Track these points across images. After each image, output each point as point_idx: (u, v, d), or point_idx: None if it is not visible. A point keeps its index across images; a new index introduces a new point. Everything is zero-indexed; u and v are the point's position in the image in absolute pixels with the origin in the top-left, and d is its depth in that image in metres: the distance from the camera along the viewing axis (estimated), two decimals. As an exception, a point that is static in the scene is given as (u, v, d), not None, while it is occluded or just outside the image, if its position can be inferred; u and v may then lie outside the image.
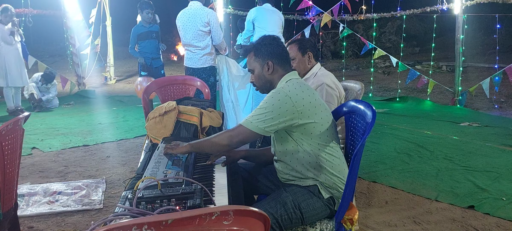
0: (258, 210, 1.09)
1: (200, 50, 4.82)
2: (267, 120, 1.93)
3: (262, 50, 2.11)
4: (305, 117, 1.95)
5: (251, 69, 2.17)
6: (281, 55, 2.12)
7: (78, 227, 2.99)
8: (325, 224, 2.03)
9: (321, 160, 2.00)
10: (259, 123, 1.94)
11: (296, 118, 1.94)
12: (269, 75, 2.11)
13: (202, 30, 4.72)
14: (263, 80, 2.14)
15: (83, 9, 9.12)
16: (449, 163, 4.23)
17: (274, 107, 1.93)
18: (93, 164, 4.36)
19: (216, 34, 4.81)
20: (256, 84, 2.18)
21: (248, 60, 2.18)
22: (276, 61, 2.10)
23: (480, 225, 2.96)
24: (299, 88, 1.98)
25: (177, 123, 2.68)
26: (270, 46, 2.11)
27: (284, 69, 2.12)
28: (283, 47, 2.15)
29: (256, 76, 2.15)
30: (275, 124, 1.94)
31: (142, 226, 0.96)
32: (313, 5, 7.87)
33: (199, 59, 4.84)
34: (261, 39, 2.15)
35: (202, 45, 4.79)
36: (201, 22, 4.70)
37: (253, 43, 2.17)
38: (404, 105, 7.50)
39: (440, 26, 7.94)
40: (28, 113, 2.33)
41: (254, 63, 2.14)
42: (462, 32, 7.08)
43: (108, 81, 10.43)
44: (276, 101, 1.94)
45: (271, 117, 1.93)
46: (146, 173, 1.89)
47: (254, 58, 2.14)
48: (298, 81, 2.05)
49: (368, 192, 3.58)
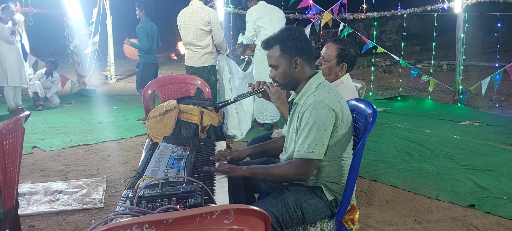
0: (259, 209, 1.09)
1: (201, 49, 4.82)
2: (320, 139, 1.86)
3: (290, 45, 1.95)
4: (342, 128, 1.93)
5: (275, 64, 2.01)
6: (309, 52, 2.00)
7: (79, 226, 3.00)
8: (325, 223, 2.03)
9: (334, 165, 1.98)
10: (315, 148, 1.87)
11: (338, 128, 1.92)
12: (296, 73, 1.98)
13: (203, 29, 4.72)
14: (289, 78, 2.00)
15: (83, 8, 9.12)
16: (450, 161, 4.23)
17: (324, 125, 1.86)
18: (93, 163, 4.36)
19: (217, 33, 4.79)
20: (279, 81, 2.04)
21: (271, 54, 2.01)
22: (304, 58, 1.97)
23: (481, 224, 2.96)
24: (335, 98, 1.91)
25: (178, 122, 2.69)
26: (299, 41, 1.95)
27: (310, 68, 2.01)
28: (310, 42, 2.03)
29: (281, 73, 2.00)
30: (328, 138, 1.90)
31: (142, 225, 0.96)
32: (313, 4, 7.86)
33: (199, 58, 4.84)
34: (288, 32, 1.98)
35: (203, 44, 4.79)
36: (202, 21, 4.70)
37: (278, 36, 1.99)
38: (404, 104, 7.49)
39: (441, 25, 7.92)
40: (28, 112, 2.33)
41: (279, 59, 1.98)
42: (462, 31, 7.06)
43: (109, 80, 10.42)
44: (323, 117, 1.86)
45: (321, 136, 1.86)
46: (146, 172, 1.89)
47: (279, 53, 1.97)
48: (330, 88, 1.98)
49: (369, 191, 3.58)
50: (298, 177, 1.95)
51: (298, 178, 1.95)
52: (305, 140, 1.88)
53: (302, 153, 1.88)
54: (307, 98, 1.94)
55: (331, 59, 2.58)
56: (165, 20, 12.71)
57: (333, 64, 2.58)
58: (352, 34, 7.92)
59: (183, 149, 2.20)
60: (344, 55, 2.57)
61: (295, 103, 2.03)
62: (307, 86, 1.98)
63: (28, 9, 8.87)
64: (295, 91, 2.07)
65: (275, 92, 2.34)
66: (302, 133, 1.89)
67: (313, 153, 1.87)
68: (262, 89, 2.38)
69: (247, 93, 2.46)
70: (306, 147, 1.87)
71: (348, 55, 2.58)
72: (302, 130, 1.90)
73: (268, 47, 2.02)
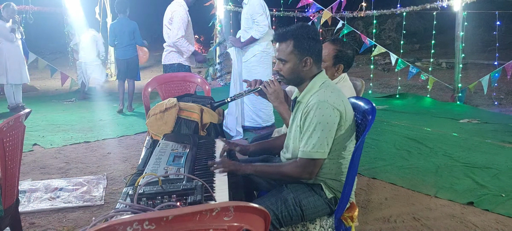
0: (259, 206, 1.10)
1: (166, 46, 4.81)
2: (324, 139, 1.87)
3: (303, 43, 1.93)
4: (345, 127, 1.94)
5: (284, 59, 1.98)
6: (320, 53, 2.00)
7: (79, 223, 3.00)
8: (324, 220, 2.03)
9: (334, 163, 1.99)
10: (320, 148, 1.87)
11: (342, 127, 1.92)
12: (303, 72, 1.98)
13: (167, 26, 4.69)
14: (295, 75, 1.99)
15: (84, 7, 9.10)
16: (449, 159, 4.24)
17: (329, 125, 1.86)
18: (94, 161, 4.37)
19: (171, 32, 4.60)
20: (285, 76, 2.02)
21: (281, 48, 1.98)
22: (314, 59, 1.97)
23: (479, 222, 2.98)
24: (339, 98, 1.92)
25: (178, 120, 2.69)
26: (313, 41, 1.95)
27: (317, 68, 2.02)
28: (321, 44, 2.02)
29: (289, 69, 1.98)
30: (332, 137, 1.90)
31: (143, 222, 0.96)
32: (313, 2, 7.86)
33: (165, 55, 4.83)
34: (304, 30, 1.95)
35: (168, 41, 4.76)
36: (166, 17, 4.67)
37: (294, 32, 1.95)
38: (404, 102, 7.50)
39: (440, 23, 7.91)
40: (29, 110, 2.33)
41: (290, 55, 1.96)
42: (462, 29, 7.07)
43: (109, 78, 10.42)
44: (327, 117, 1.86)
45: (325, 135, 1.87)
46: (147, 169, 1.90)
47: (292, 49, 1.95)
48: (334, 87, 1.98)
49: (368, 188, 3.59)
50: (303, 177, 1.96)
51: (303, 177, 1.97)
52: (309, 139, 1.88)
53: (307, 153, 1.89)
54: (311, 97, 1.94)
55: (328, 60, 2.57)
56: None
57: (329, 65, 2.58)
58: (351, 32, 7.92)
59: (183, 147, 2.21)
60: (340, 57, 2.58)
61: (298, 101, 2.04)
62: (311, 85, 1.99)
63: (28, 7, 8.86)
64: (298, 89, 2.08)
65: (272, 92, 2.32)
66: (306, 133, 1.90)
67: (318, 152, 1.88)
68: (259, 89, 2.37)
69: (244, 93, 2.45)
70: (311, 147, 1.88)
71: (345, 57, 2.59)
72: (306, 129, 1.91)
73: (281, 40, 1.98)
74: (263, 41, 5.03)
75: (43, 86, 9.45)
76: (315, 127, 1.87)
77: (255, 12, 4.90)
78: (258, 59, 5.07)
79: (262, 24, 4.89)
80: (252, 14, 4.93)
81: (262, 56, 5.05)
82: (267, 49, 5.07)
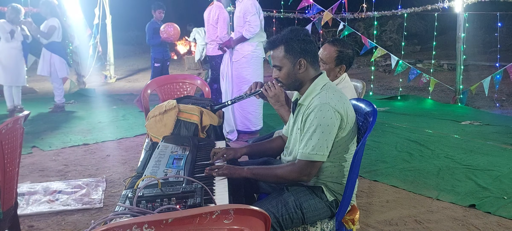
0: (259, 209, 1.09)
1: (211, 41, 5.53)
2: (324, 141, 1.85)
3: (294, 46, 1.93)
4: (346, 129, 1.92)
5: (278, 65, 1.99)
6: (314, 53, 1.99)
7: (78, 226, 2.99)
8: (325, 223, 2.02)
9: (336, 166, 1.97)
10: (319, 150, 1.86)
11: (342, 130, 1.91)
12: (300, 75, 1.97)
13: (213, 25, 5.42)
14: (292, 79, 1.99)
15: (83, 8, 9.11)
16: (450, 161, 4.22)
17: (329, 128, 1.85)
18: (93, 163, 4.35)
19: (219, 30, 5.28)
20: (283, 82, 2.03)
21: (275, 55, 1.99)
22: (309, 60, 1.96)
23: (481, 224, 2.96)
24: (340, 100, 1.91)
25: (177, 122, 2.68)
26: (304, 42, 1.94)
27: (315, 70, 2.00)
28: (314, 44, 2.01)
29: (285, 74, 1.99)
30: (332, 140, 1.89)
31: (142, 225, 0.96)
32: (313, 3, 7.86)
33: (212, 49, 5.53)
34: (293, 33, 1.96)
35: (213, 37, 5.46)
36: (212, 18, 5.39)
37: (283, 37, 1.96)
38: (405, 104, 7.49)
39: (441, 25, 7.94)
40: (28, 112, 2.32)
41: (283, 60, 1.96)
42: (463, 30, 7.06)
43: (108, 79, 10.42)
44: (328, 120, 1.85)
45: (325, 138, 1.85)
46: (146, 171, 1.88)
47: (284, 54, 1.95)
48: (336, 90, 1.97)
49: (369, 191, 3.57)
50: (300, 179, 1.94)
51: (300, 179, 1.95)
52: (309, 141, 1.87)
53: (306, 155, 1.87)
54: (312, 100, 1.92)
55: (330, 62, 2.57)
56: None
57: (332, 66, 2.58)
58: (352, 34, 7.92)
59: (182, 149, 2.19)
60: (342, 57, 2.58)
61: (300, 104, 2.02)
62: (312, 87, 1.97)
63: (27, 9, 8.85)
64: (299, 92, 2.06)
65: (273, 95, 2.31)
66: (306, 135, 1.88)
67: (317, 155, 1.86)
68: (259, 91, 2.36)
69: (244, 95, 2.43)
70: (310, 149, 1.86)
71: (346, 57, 2.59)
72: (306, 131, 1.89)
73: (273, 47, 2.00)
74: (253, 41, 4.98)
75: (42, 89, 9.44)
76: (315, 128, 1.85)
77: (248, 12, 4.86)
78: (248, 60, 5.01)
79: (254, 24, 4.85)
80: (245, 13, 4.88)
81: (252, 57, 5.00)
82: (257, 51, 5.00)
